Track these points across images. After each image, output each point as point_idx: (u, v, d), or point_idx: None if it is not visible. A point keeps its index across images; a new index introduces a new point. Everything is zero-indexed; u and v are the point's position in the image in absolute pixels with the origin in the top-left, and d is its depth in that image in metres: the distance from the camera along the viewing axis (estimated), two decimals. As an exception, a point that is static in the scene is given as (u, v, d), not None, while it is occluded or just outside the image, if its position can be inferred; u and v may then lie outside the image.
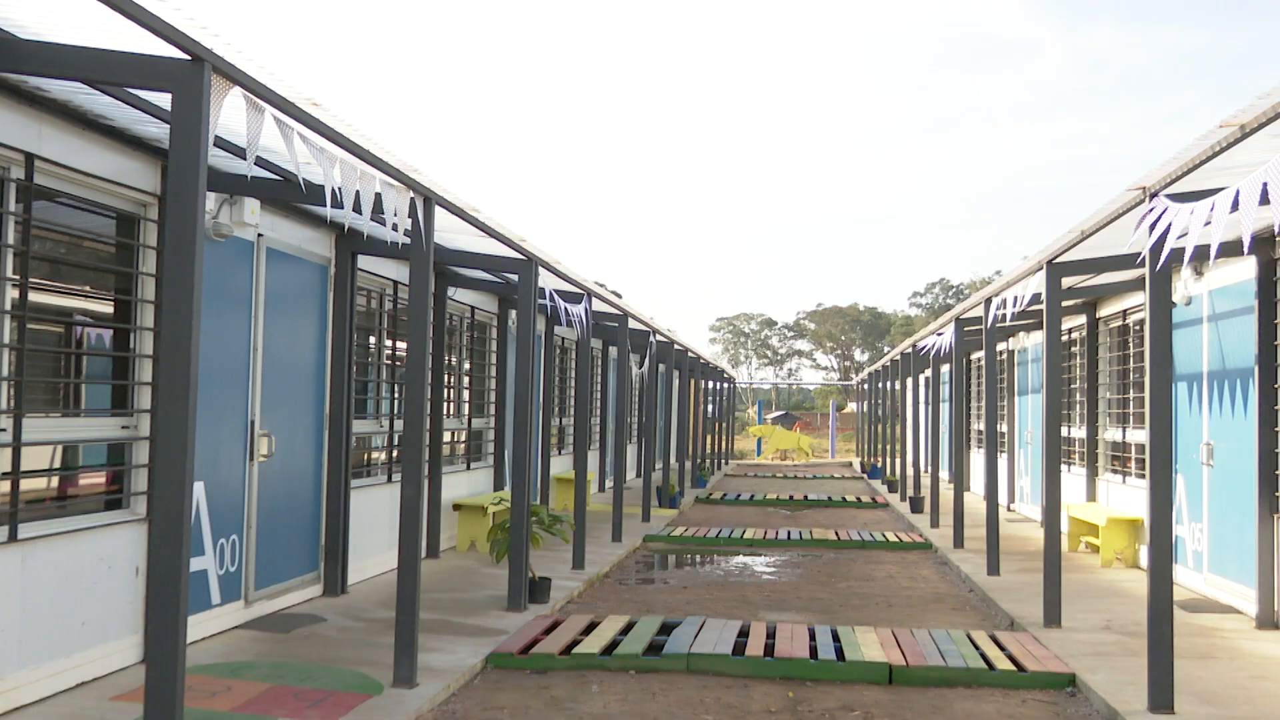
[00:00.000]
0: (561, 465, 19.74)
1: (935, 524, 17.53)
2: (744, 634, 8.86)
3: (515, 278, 10.75)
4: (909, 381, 23.69)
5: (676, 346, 23.40)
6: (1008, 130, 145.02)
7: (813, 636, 8.76)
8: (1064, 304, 14.12)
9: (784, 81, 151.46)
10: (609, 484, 22.84)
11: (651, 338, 18.69)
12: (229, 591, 8.59)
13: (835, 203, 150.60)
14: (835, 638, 8.72)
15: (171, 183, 4.64)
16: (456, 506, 13.57)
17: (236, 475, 8.68)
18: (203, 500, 8.17)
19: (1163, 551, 6.85)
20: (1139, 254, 7.01)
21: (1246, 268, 9.78)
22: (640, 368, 20.84)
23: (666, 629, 9.01)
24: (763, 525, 17.98)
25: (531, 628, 8.87)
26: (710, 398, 34.04)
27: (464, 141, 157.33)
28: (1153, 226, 6.70)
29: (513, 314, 15.33)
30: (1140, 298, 10.87)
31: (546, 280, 11.43)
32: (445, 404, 13.56)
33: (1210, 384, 10.91)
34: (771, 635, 8.81)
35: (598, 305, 14.17)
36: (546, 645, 8.24)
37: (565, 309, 12.24)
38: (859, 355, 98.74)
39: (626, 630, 8.95)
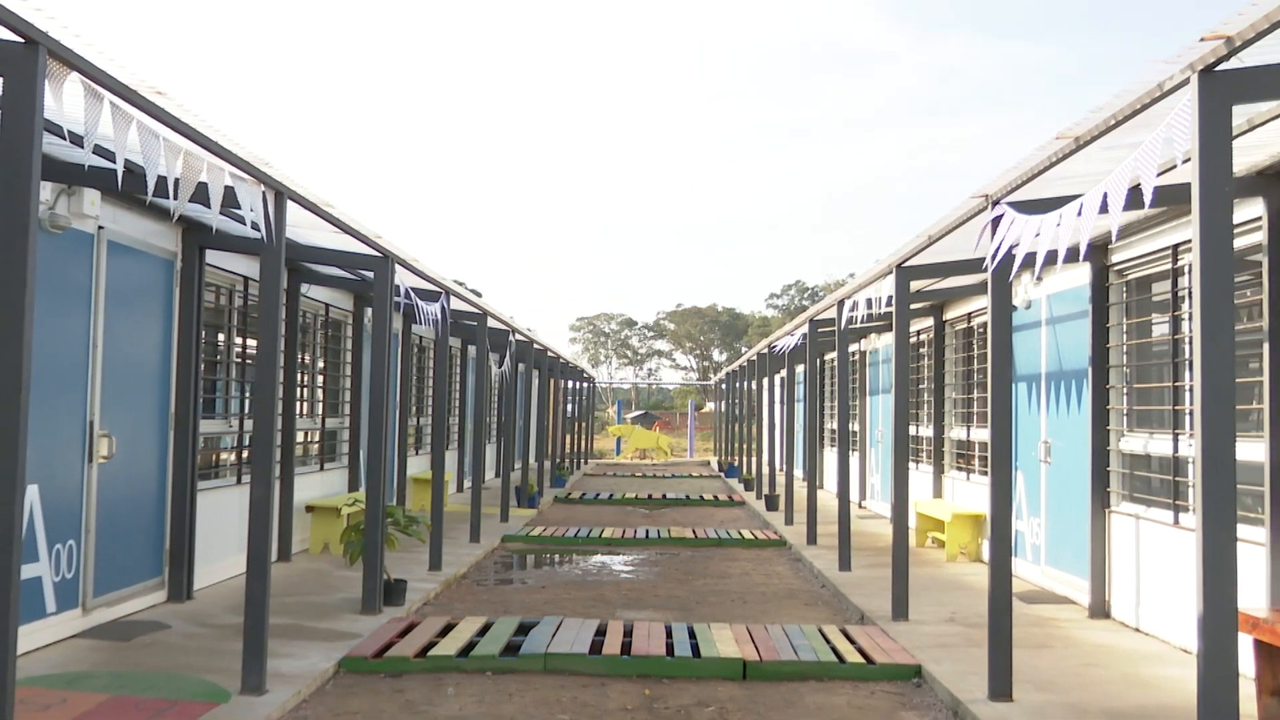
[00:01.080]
0: (419, 465, 19.49)
1: (790, 521, 17.88)
2: (601, 633, 8.89)
3: (371, 275, 10.57)
4: (765, 381, 24.12)
5: (536, 346, 23.34)
6: (864, 136, 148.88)
7: (669, 634, 8.84)
8: (913, 306, 14.58)
9: (647, 83, 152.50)
10: (467, 484, 22.64)
11: (511, 337, 18.60)
12: (65, 599, 8.22)
13: (695, 204, 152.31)
14: (691, 635, 8.82)
15: (1, 170, 4.43)
16: (310, 508, 13.27)
17: (74, 478, 8.32)
18: (37, 504, 7.80)
19: (1002, 546, 7.12)
20: (983, 259, 7.27)
21: (1081, 274, 10.23)
22: (500, 367, 20.72)
23: (524, 629, 8.98)
24: (621, 524, 18.06)
25: (386, 630, 8.73)
26: (570, 397, 34.05)
27: (324, 143, 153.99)
28: (995, 233, 6.96)
29: (369, 311, 15.06)
30: (984, 301, 11.27)
31: (403, 278, 11.27)
32: (298, 403, 13.25)
33: (1048, 384, 11.39)
34: (629, 634, 8.85)
35: (456, 304, 14.03)
36: (401, 648, 8.12)
37: (422, 307, 12.09)
38: (717, 355, 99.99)
39: (484, 631, 8.88)
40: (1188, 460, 8.65)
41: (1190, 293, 8.38)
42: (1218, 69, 4.52)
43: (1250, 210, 7.39)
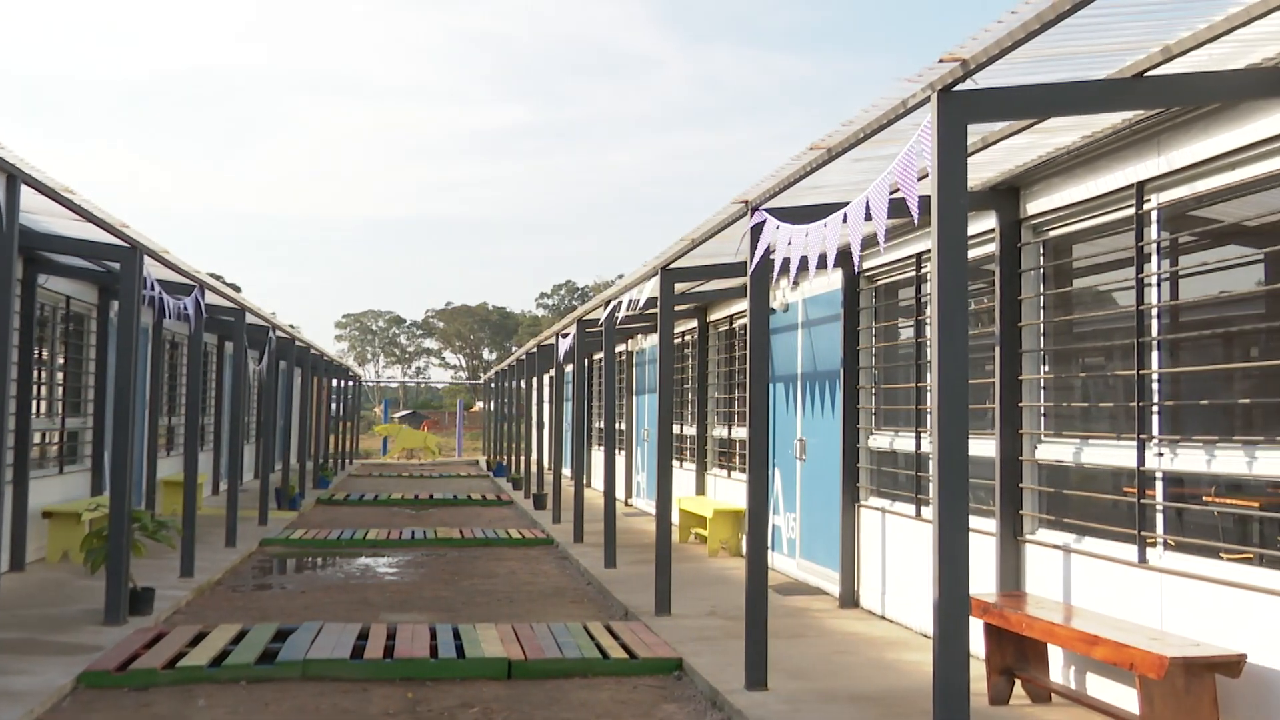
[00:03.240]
0: (170, 467, 18.56)
1: (557, 520, 17.98)
2: (364, 636, 8.70)
3: (118, 266, 9.99)
4: (535, 380, 24.18)
5: (299, 343, 22.63)
6: (633, 139, 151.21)
7: (434, 636, 8.74)
8: (677, 308, 14.91)
9: (413, 78, 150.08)
10: (224, 486, 21.71)
11: (271, 333, 17.96)
12: None
13: (465, 202, 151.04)
14: (457, 636, 8.75)
15: None
16: (47, 514, 12.43)
17: None
18: None
19: (758, 541, 7.38)
20: (744, 262, 7.52)
21: (835, 279, 10.72)
22: (259, 364, 19.98)
23: (282, 636, 8.69)
24: (387, 525, 17.73)
25: (131, 642, 8.28)
26: (335, 396, 33.16)
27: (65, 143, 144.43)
28: (755, 238, 7.21)
29: (115, 305, 14.23)
30: (745, 304, 11.64)
31: (153, 270, 10.71)
32: (34, 401, 12.38)
33: (804, 385, 11.88)
34: (392, 636, 8.70)
35: (212, 298, 13.44)
36: (148, 659, 7.72)
37: (174, 301, 11.52)
38: (487, 354, 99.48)
39: (239, 639, 8.54)
40: (929, 456, 9.19)
41: (930, 299, 8.92)
42: (955, 89, 4.83)
43: (985, 223, 7.92)
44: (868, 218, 5.54)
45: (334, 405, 33.00)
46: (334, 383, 32.55)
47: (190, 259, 11.54)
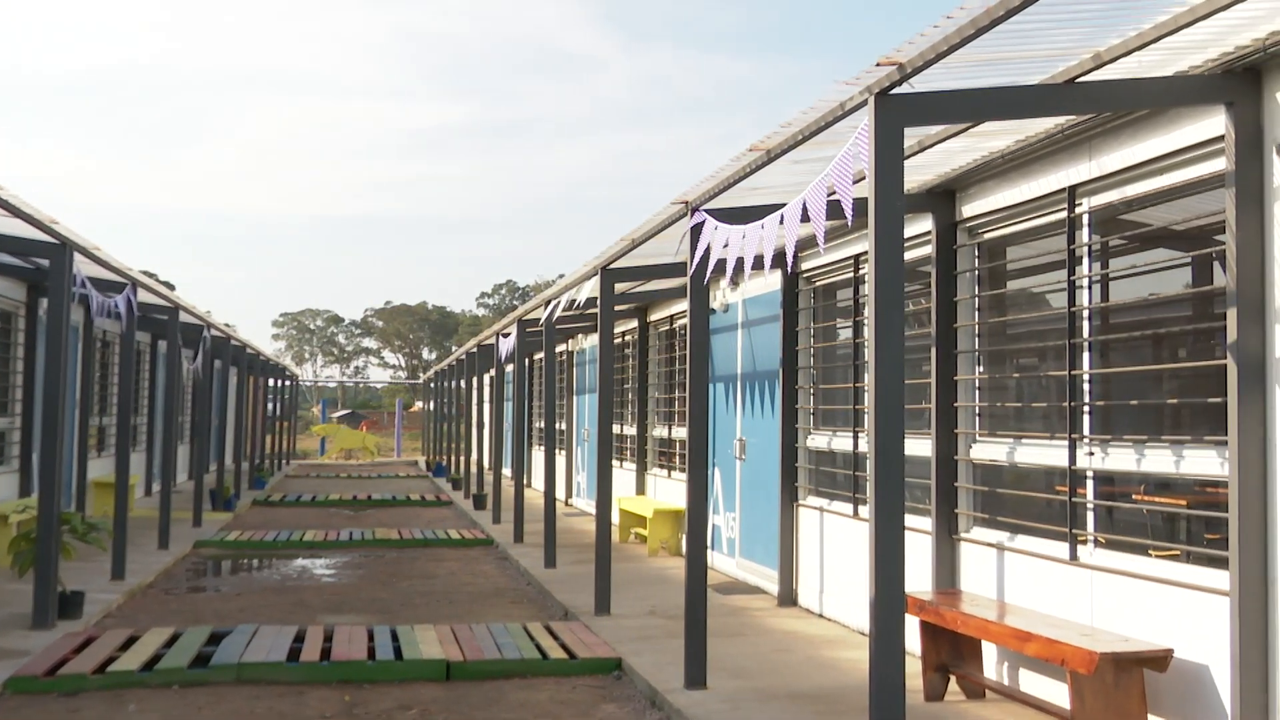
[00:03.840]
0: (102, 468, 18.20)
1: (497, 520, 17.91)
2: (300, 639, 8.60)
3: (47, 263, 9.79)
4: (475, 380, 24.06)
5: (234, 342, 22.31)
6: (574, 139, 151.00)
7: (372, 638, 8.66)
8: (618, 308, 14.92)
9: (354, 76, 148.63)
10: (157, 487, 21.34)
11: (206, 332, 17.69)
12: None
13: (405, 200, 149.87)
14: (395, 637, 8.68)
15: None
16: (-28, 516, 12.15)
17: None
18: None
19: (697, 540, 7.41)
20: (684, 263, 7.54)
21: (774, 280, 10.79)
22: (193, 363, 19.67)
23: (216, 639, 8.56)
24: (324, 526, 17.55)
25: (60, 646, 8.11)
26: (271, 396, 32.74)
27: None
28: (695, 239, 7.23)
29: (44, 303, 13.93)
30: (685, 304, 11.66)
31: (84, 267, 10.50)
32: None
33: (744, 385, 11.93)
34: (329, 639, 8.61)
35: (145, 296, 13.20)
36: (78, 664, 7.57)
37: (105, 299, 11.30)
38: (427, 354, 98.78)
39: (171, 643, 8.41)
40: (866, 456, 9.28)
41: (868, 300, 9.00)
42: (892, 92, 4.88)
43: (921, 225, 8.01)
44: (805, 219, 5.58)
45: (270, 405, 32.60)
46: (271, 382, 32.15)
47: (123, 256, 11.34)
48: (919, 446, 7.85)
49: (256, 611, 10.35)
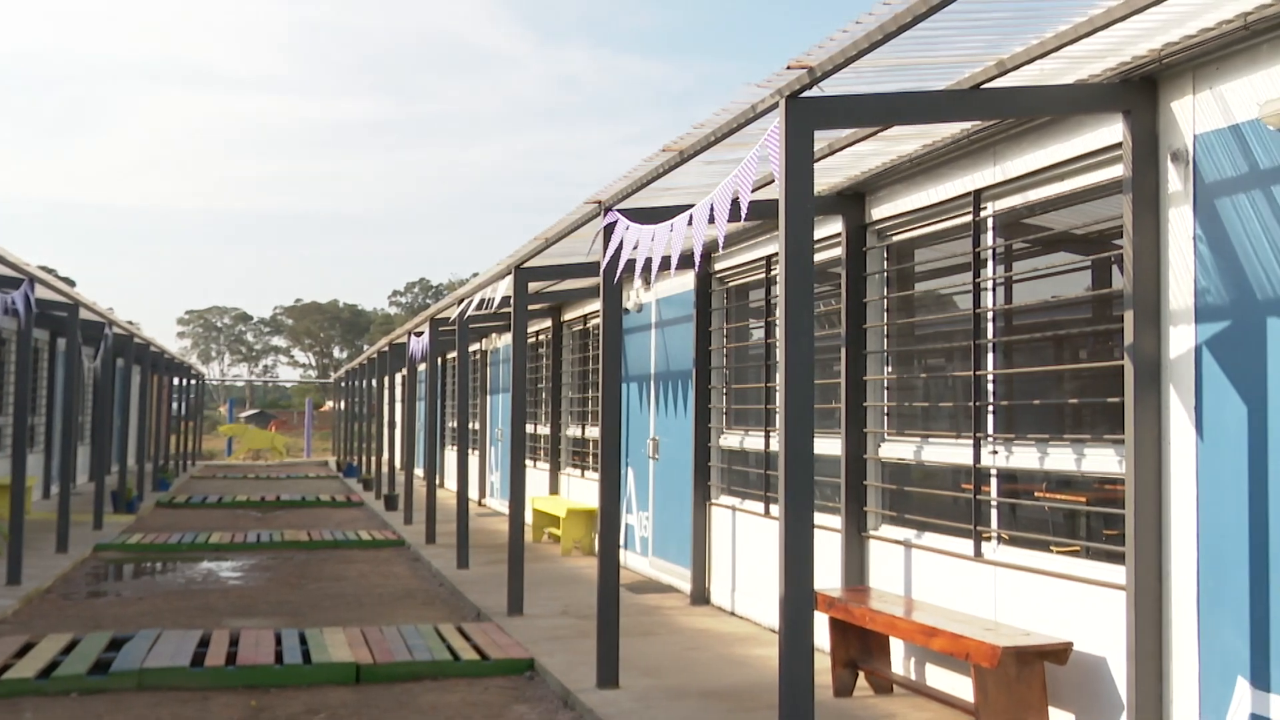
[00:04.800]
0: (-4, 470, 17.64)
1: (409, 521, 17.73)
2: (205, 643, 8.43)
3: (-62, 258, 9.46)
4: (387, 379, 23.80)
5: (138, 340, 21.76)
6: (488, 137, 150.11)
7: (279, 641, 8.52)
8: (532, 307, 14.88)
9: (262, 69, 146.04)
10: (55, 489, 20.74)
11: (107, 329, 17.23)
12: None
13: (316, 197, 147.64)
14: (303, 641, 8.54)
15: None
16: None
17: None
18: None
19: (610, 540, 7.42)
20: (598, 262, 7.54)
21: (687, 280, 10.84)
22: (94, 361, 19.16)
23: (117, 644, 8.35)
24: (231, 528, 17.20)
25: (-49, 655, 7.85)
26: (176, 395, 32.02)
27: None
28: (608, 238, 7.24)
29: (-64, 299, 13.45)
30: (598, 304, 11.65)
31: (-22, 263, 10.17)
32: None
33: (657, 384, 11.97)
34: (235, 643, 8.45)
35: (43, 292, 12.82)
36: (-30, 673, 7.33)
37: (2, 296, 10.95)
38: (338, 353, 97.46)
39: (69, 649, 8.18)
40: (777, 455, 9.37)
41: (778, 300, 9.10)
42: (803, 95, 4.93)
43: (832, 227, 8.12)
44: (713, 220, 5.62)
45: (175, 405, 31.88)
46: (175, 381, 31.45)
47: (20, 251, 11.00)
48: (829, 445, 7.95)
49: (159, 616, 10.12)
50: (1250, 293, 4.82)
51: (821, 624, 7.00)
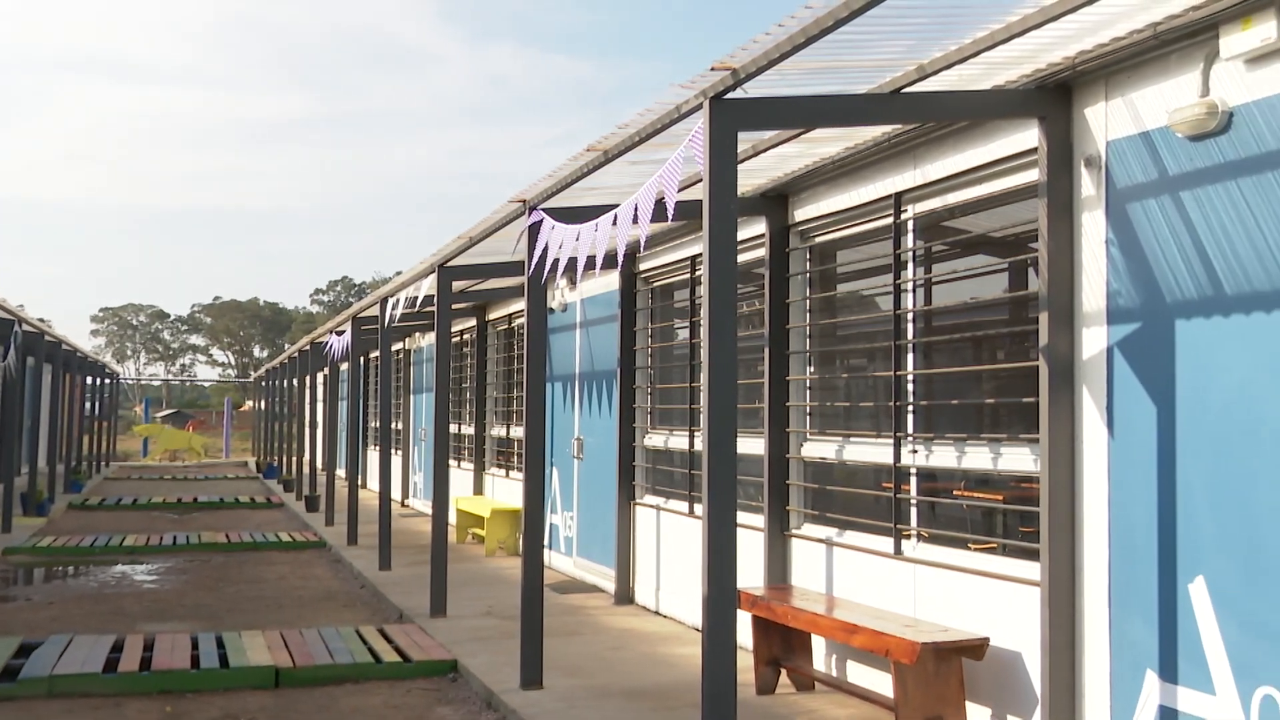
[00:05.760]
0: (-101, 472, 17.09)
1: (331, 522, 17.51)
2: (118, 649, 8.24)
3: None
4: (308, 379, 23.47)
5: (49, 338, 21.22)
6: (413, 135, 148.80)
7: (196, 645, 8.36)
8: (456, 306, 14.76)
9: (183, 62, 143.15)
10: (-38, 492, 20.14)
11: (17, 327, 16.78)
12: None
13: (236, 193, 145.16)
14: (220, 644, 8.40)
15: None
16: None
17: None
18: None
19: (534, 540, 7.39)
20: (523, 261, 7.51)
21: (612, 280, 10.84)
22: (3, 360, 18.64)
23: (26, 650, 8.13)
24: (146, 531, 16.86)
25: None
26: (90, 395, 31.27)
27: None
28: (532, 238, 7.21)
29: None
30: (523, 303, 11.59)
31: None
32: None
33: (582, 384, 11.96)
34: (150, 648, 8.28)
35: (-51, 289, 12.45)
36: None
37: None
38: (259, 352, 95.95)
39: (-25, 656, 7.95)
40: (701, 454, 9.42)
41: (702, 301, 9.14)
42: (726, 97, 4.96)
43: (756, 228, 8.17)
44: (637, 220, 5.63)
45: (89, 404, 31.14)
46: (89, 380, 30.72)
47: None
48: (752, 445, 8.00)
49: (71, 621, 9.88)
50: (1160, 295, 4.95)
51: (744, 622, 7.03)
